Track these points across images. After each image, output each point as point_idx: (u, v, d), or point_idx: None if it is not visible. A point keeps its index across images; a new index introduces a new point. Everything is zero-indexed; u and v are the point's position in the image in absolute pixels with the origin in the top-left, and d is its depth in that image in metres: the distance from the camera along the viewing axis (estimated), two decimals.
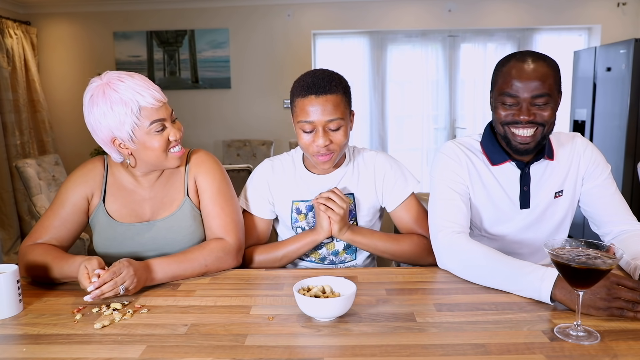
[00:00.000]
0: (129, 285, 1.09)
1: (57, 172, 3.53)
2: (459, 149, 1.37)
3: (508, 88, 1.22)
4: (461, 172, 1.34)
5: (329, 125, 1.30)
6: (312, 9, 4.89)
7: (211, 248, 1.28)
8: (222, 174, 1.39)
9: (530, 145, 1.24)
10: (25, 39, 4.76)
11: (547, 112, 1.21)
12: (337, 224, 1.33)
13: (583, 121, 4.11)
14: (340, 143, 1.33)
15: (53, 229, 1.28)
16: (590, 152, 1.36)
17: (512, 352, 0.85)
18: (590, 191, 1.35)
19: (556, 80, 1.22)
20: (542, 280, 1.03)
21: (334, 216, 1.31)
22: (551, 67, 1.21)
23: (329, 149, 1.32)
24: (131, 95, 1.18)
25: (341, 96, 1.31)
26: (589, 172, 1.35)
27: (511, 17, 4.81)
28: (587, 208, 1.38)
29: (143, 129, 1.21)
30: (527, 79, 1.19)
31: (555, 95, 1.22)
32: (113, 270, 1.08)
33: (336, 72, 1.36)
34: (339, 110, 1.30)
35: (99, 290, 1.05)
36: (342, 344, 0.89)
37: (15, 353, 0.89)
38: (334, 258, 1.45)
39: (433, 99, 5.14)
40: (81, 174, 1.33)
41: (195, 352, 0.87)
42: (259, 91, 5.03)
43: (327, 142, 1.30)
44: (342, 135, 1.32)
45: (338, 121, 1.30)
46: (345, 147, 1.38)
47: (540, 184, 1.34)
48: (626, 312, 0.95)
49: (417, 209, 1.43)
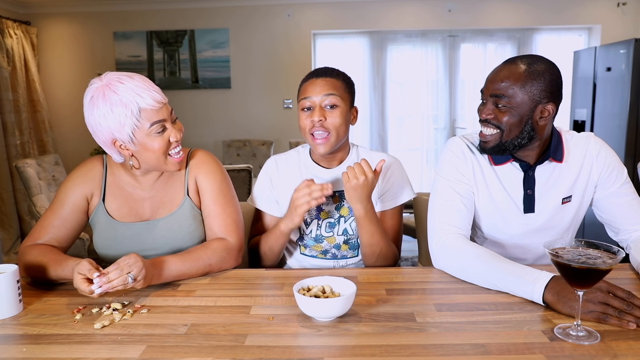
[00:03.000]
0: (137, 274, 1.07)
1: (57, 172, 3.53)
2: (465, 145, 1.34)
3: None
4: (465, 171, 1.31)
5: (325, 101, 1.35)
6: (312, 9, 4.89)
7: (214, 247, 1.28)
8: (222, 174, 1.39)
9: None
10: (25, 39, 4.76)
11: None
12: (353, 192, 1.28)
13: (583, 121, 4.11)
14: (335, 124, 1.35)
15: (52, 229, 1.28)
16: (604, 156, 1.29)
17: (512, 352, 0.84)
18: (606, 198, 1.30)
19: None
20: (535, 282, 1.02)
21: (352, 183, 1.27)
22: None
23: (323, 126, 1.34)
24: (131, 97, 1.17)
25: (342, 82, 1.38)
26: (602, 178, 1.29)
27: (511, 17, 4.81)
28: (603, 215, 1.33)
29: (143, 130, 1.21)
30: None
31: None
32: (118, 261, 1.08)
33: (343, 71, 1.44)
34: (337, 90, 1.36)
35: (106, 278, 1.03)
36: (342, 344, 0.89)
37: (15, 353, 0.89)
38: (336, 252, 1.45)
39: (433, 99, 5.14)
40: (80, 174, 1.33)
41: (195, 352, 0.87)
42: (259, 91, 5.03)
43: (321, 117, 1.33)
44: (338, 116, 1.35)
45: (334, 97, 1.34)
46: (342, 136, 1.39)
47: (547, 189, 1.29)
48: (610, 318, 0.93)
49: (398, 222, 1.47)
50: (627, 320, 0.92)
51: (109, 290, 1.04)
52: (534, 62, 1.20)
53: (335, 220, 1.44)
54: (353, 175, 1.27)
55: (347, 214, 1.44)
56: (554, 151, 1.28)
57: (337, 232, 1.44)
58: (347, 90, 1.40)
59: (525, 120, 1.21)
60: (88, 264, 1.07)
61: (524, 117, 1.20)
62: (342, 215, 1.44)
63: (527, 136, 1.22)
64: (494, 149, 1.25)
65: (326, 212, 1.44)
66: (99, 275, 1.04)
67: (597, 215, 1.36)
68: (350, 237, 1.45)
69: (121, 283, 1.05)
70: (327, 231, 1.44)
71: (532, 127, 1.21)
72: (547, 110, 1.21)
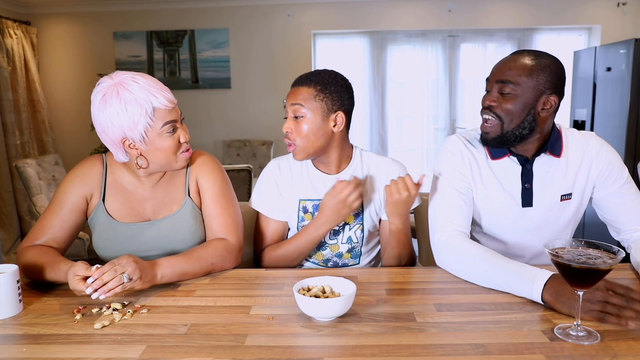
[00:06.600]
0: (132, 273, 1.06)
1: (57, 172, 3.53)
2: (462, 143, 1.35)
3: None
4: (463, 169, 1.33)
5: (292, 110, 1.35)
6: (312, 9, 4.89)
7: (215, 247, 1.28)
8: (223, 175, 1.39)
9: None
10: (25, 39, 4.76)
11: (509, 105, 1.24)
12: (404, 206, 1.31)
13: (583, 121, 4.11)
14: (300, 134, 1.35)
15: (51, 230, 1.28)
16: (604, 155, 1.29)
17: (512, 352, 0.85)
18: (607, 198, 1.31)
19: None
20: (533, 281, 1.02)
21: (404, 196, 1.28)
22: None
23: (289, 137, 1.37)
24: (145, 96, 1.18)
25: (313, 89, 1.34)
26: (601, 178, 1.30)
27: (511, 17, 4.81)
28: (605, 215, 1.34)
29: (156, 130, 1.21)
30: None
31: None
32: (110, 262, 1.07)
33: (329, 71, 1.38)
34: (303, 99, 1.34)
35: (100, 280, 1.03)
36: (342, 344, 0.89)
37: (15, 353, 0.89)
38: (337, 260, 1.45)
39: (433, 99, 5.15)
40: (80, 174, 1.33)
41: (195, 352, 0.87)
42: (259, 91, 5.03)
43: (287, 128, 1.36)
44: (302, 126, 1.34)
45: (297, 107, 1.34)
46: (312, 145, 1.35)
47: (545, 183, 1.30)
48: (608, 317, 0.92)
49: (409, 226, 1.46)
50: (626, 318, 0.90)
51: (106, 293, 1.03)
52: (541, 54, 1.24)
53: (339, 227, 1.43)
54: (396, 190, 1.27)
55: (352, 222, 1.43)
56: (551, 145, 1.29)
57: (342, 240, 1.43)
58: (320, 97, 1.33)
59: (528, 110, 1.22)
60: (83, 265, 1.07)
61: (527, 106, 1.22)
62: (347, 222, 1.43)
63: (528, 126, 1.23)
64: (495, 140, 1.27)
65: None
66: (96, 269, 1.04)
67: (599, 215, 1.36)
68: (355, 245, 1.44)
69: (117, 284, 1.04)
70: (332, 238, 1.43)
71: (533, 118, 1.23)
72: (550, 102, 1.23)
